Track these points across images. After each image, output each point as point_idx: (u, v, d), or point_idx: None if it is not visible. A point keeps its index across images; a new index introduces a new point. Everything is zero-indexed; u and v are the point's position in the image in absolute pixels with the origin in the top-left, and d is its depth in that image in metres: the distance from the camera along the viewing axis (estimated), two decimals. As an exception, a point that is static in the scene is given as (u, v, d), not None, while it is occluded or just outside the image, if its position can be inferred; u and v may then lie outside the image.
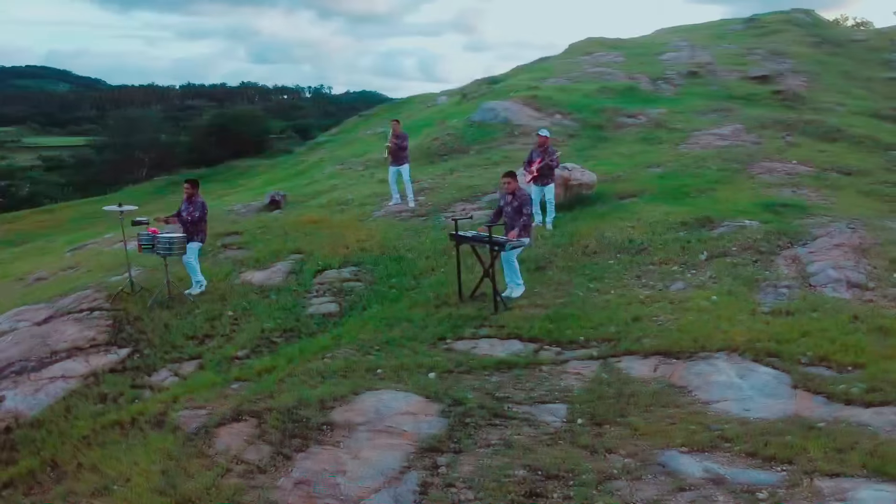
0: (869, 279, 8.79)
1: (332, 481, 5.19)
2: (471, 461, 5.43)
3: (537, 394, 6.46)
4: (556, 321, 7.94)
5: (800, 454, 5.33)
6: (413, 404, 6.19)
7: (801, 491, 4.93)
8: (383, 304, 8.82)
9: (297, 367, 6.99)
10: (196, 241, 9.46)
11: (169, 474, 5.42)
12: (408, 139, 13.46)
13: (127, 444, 6.00)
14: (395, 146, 13.12)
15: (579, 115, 18.61)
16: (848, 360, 6.80)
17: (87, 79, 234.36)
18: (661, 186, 13.00)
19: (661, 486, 5.07)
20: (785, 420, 5.88)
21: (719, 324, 7.62)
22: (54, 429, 6.43)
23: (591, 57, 29.25)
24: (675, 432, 5.70)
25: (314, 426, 5.85)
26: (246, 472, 5.38)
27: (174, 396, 6.62)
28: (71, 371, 7.44)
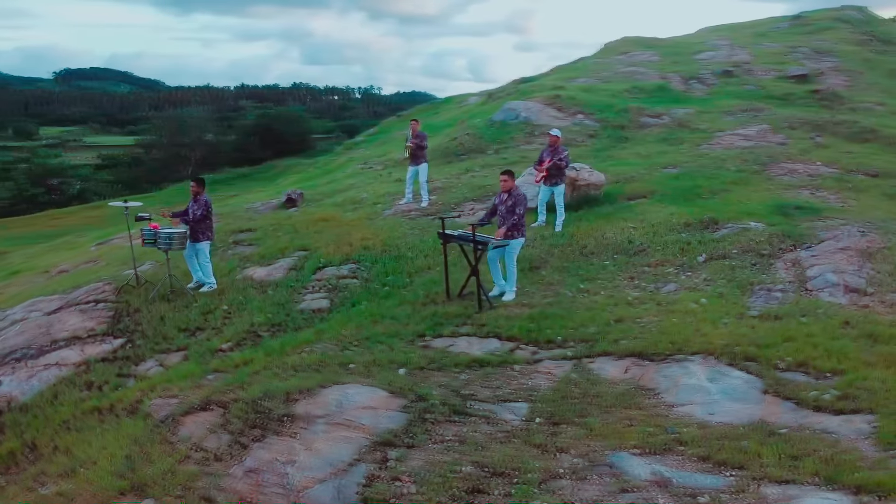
0: (869, 284, 8.52)
1: (281, 471, 5.33)
2: (421, 456, 5.50)
3: (503, 392, 6.49)
4: (537, 321, 7.94)
5: (753, 460, 5.24)
6: (376, 399, 6.28)
7: (745, 497, 4.86)
8: (372, 301, 8.95)
9: (274, 361, 7.16)
10: (204, 241, 9.73)
11: (132, 458, 5.64)
12: (427, 139, 13.56)
13: (101, 429, 6.26)
14: (416, 146, 13.23)
15: (601, 115, 18.42)
16: (828, 367, 6.63)
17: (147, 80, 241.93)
18: (674, 187, 12.80)
19: (603, 487, 5.06)
20: (747, 425, 5.78)
21: (701, 327, 7.51)
22: (39, 413, 6.75)
23: (625, 56, 28.88)
24: (630, 434, 5.66)
25: (275, 417, 6.00)
26: (203, 460, 5.57)
27: (152, 385, 6.87)
28: (65, 359, 7.78)
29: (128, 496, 5.25)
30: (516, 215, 8.54)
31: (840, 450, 5.36)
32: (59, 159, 49.64)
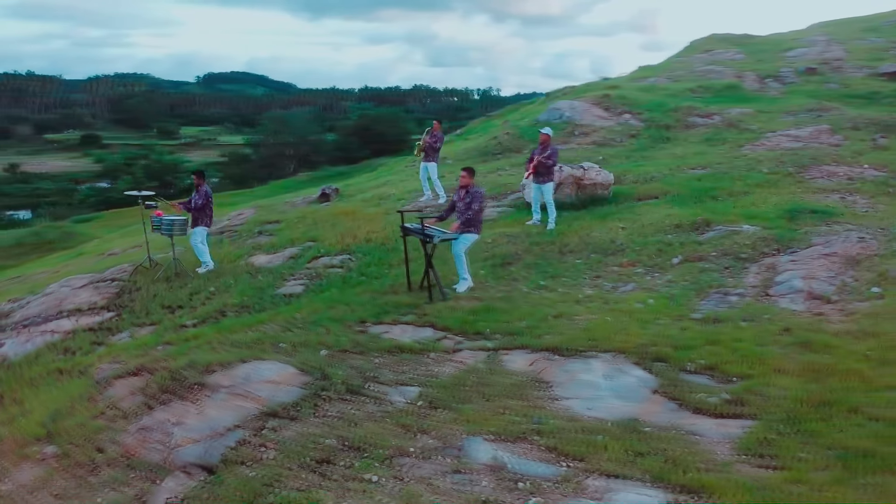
0: (838, 292, 8.10)
1: (168, 430, 5.97)
2: (297, 428, 5.96)
3: (405, 377, 6.81)
4: (478, 314, 8.16)
5: (596, 454, 5.32)
6: (283, 375, 6.80)
7: (565, 486, 4.98)
8: (341, 289, 9.47)
9: (220, 337, 7.84)
10: (201, 226, 10.66)
11: (58, 412, 6.48)
12: (442, 140, 13.97)
13: (54, 386, 7.17)
14: (429, 144, 13.67)
15: (649, 115, 17.99)
16: (736, 371, 6.49)
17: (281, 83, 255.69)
18: (691, 189, 12.46)
19: (439, 467, 5.32)
20: (617, 422, 5.81)
21: (629, 326, 7.49)
22: (17, 371, 7.79)
23: (707, 55, 27.83)
24: (495, 421, 5.85)
25: (187, 385, 6.65)
26: (113, 417, 6.31)
27: (110, 352, 7.74)
28: (60, 327, 8.85)
29: (40, 442, 6.06)
30: (472, 210, 8.79)
31: (690, 451, 5.33)
32: (174, 156, 53.95)
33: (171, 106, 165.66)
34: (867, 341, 6.97)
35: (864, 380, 6.25)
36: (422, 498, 4.95)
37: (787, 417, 5.70)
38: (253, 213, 15.52)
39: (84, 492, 5.37)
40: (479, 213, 8.87)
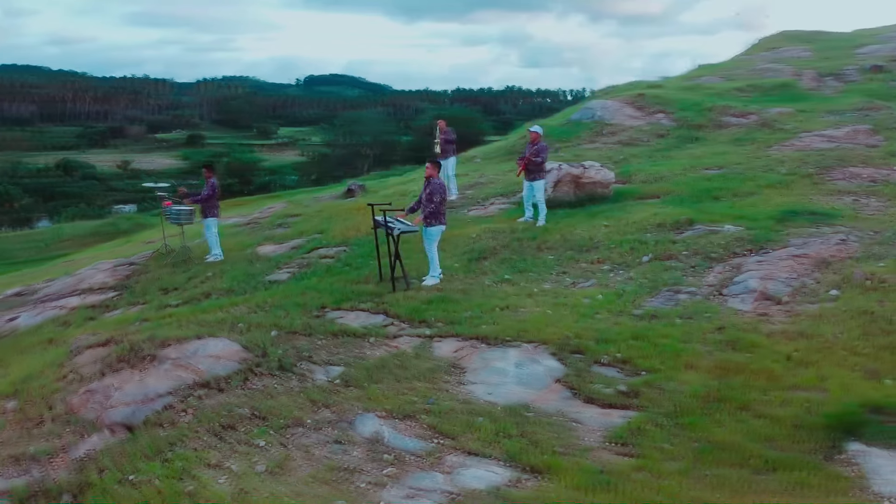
0: (792, 293, 7.96)
1: (109, 394, 6.68)
2: (220, 398, 6.54)
3: (336, 358, 7.26)
4: (431, 304, 8.51)
5: (467, 434, 5.64)
6: (227, 351, 7.39)
7: (425, 460, 5.34)
8: (321, 277, 10.01)
9: (191, 316, 8.55)
10: (211, 217, 11.50)
11: (30, 375, 7.35)
12: (452, 135, 14.33)
13: (39, 354, 8.08)
14: (444, 141, 14.08)
15: (682, 115, 17.62)
16: (646, 365, 6.61)
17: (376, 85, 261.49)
18: (695, 189, 12.29)
19: (324, 437, 5.77)
20: (506, 406, 6.08)
21: (565, 319, 7.66)
22: (17, 340, 8.79)
23: (771, 53, 26.78)
24: (394, 400, 6.23)
25: (142, 356, 7.35)
26: (72, 381, 7.09)
27: (95, 327, 8.59)
28: (67, 304, 9.86)
29: (6, 399, 6.91)
30: (433, 203, 9.14)
31: (559, 436, 5.56)
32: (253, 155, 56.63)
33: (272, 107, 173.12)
34: (797, 342, 6.88)
35: (771, 379, 6.23)
36: (292, 463, 5.41)
37: (673, 411, 5.80)
38: (282, 207, 16.42)
39: (23, 440, 6.15)
40: (440, 204, 9.21)
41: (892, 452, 5.06)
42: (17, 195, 68.29)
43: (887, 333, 6.90)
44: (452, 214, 13.08)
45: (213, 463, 5.44)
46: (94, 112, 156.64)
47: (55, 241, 24.15)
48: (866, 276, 8.02)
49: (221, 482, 5.16)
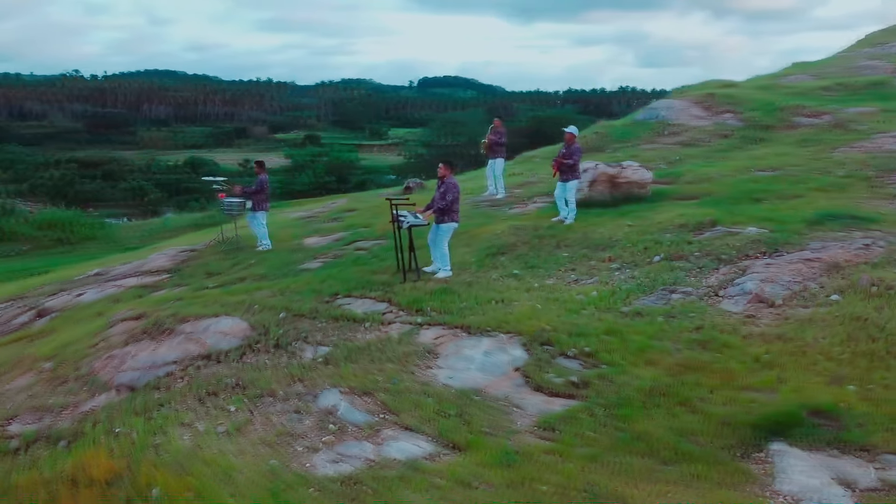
0: (789, 297, 7.76)
1: (125, 360, 7.58)
2: (216, 369, 7.28)
3: (328, 339, 7.83)
4: (433, 295, 8.91)
5: (411, 411, 6.07)
6: (235, 328, 8.15)
7: (363, 431, 5.82)
8: (344, 267, 10.62)
9: (218, 298, 9.41)
10: (260, 210, 12.43)
11: (70, 342, 8.41)
12: (505, 136, 14.61)
13: (85, 324, 9.17)
14: (493, 141, 14.41)
15: (751, 115, 16.94)
16: (607, 359, 6.77)
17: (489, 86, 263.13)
18: (739, 191, 11.97)
19: (287, 406, 6.36)
20: (459, 389, 6.45)
21: (549, 313, 7.86)
22: (75, 312, 9.96)
23: (876, 48, 25.04)
24: (361, 379, 6.72)
25: (163, 330, 8.25)
26: (101, 348, 8.07)
27: (139, 303, 9.62)
28: (126, 283, 11.04)
29: (46, 361, 7.98)
30: (445, 201, 9.55)
31: (493, 419, 5.89)
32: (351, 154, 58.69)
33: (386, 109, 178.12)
34: (773, 345, 6.79)
35: (727, 378, 6.24)
36: (250, 427, 6.02)
37: (612, 403, 5.96)
38: (344, 202, 17.29)
39: (47, 395, 7.13)
40: (452, 203, 9.59)
41: (811, 454, 5.02)
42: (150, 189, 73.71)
43: (873, 340, 6.67)
44: (493, 212, 13.42)
45: (186, 423, 6.14)
46: (223, 113, 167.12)
47: (160, 231, 26.39)
48: (872, 282, 7.69)
49: (185, 439, 5.84)
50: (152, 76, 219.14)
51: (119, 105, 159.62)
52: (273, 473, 5.16)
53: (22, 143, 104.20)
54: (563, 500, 4.57)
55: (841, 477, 4.72)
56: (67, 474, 5.37)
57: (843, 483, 4.67)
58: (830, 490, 4.57)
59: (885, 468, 4.83)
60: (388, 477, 5.01)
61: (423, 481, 4.91)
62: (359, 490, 4.88)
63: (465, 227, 12.01)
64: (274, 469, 5.22)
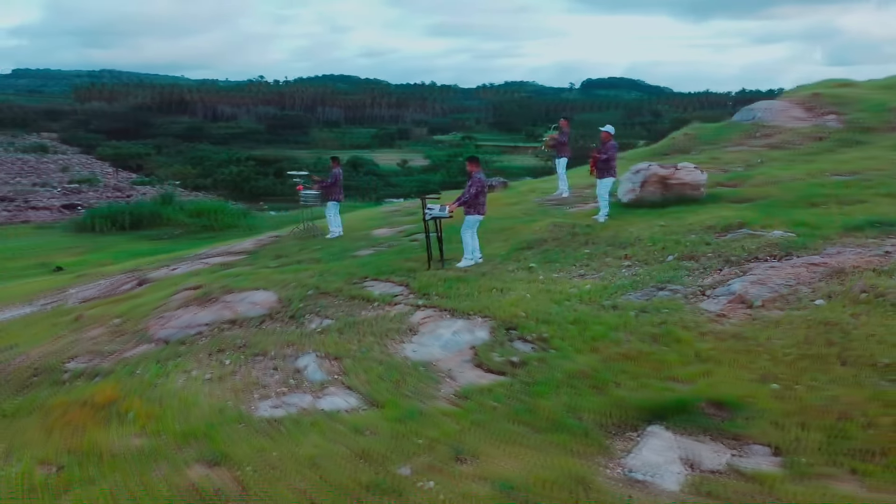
0: (772, 299, 7.69)
1: (172, 320, 9.09)
2: (235, 332, 8.58)
3: (335, 313, 8.86)
4: (447, 282, 9.62)
5: (357, 375, 6.94)
6: (264, 301, 9.43)
7: (313, 385, 6.78)
8: (386, 256, 11.61)
9: (267, 275, 10.77)
10: (332, 200, 13.79)
11: (141, 304, 10.13)
12: (567, 136, 14.95)
13: (161, 291, 10.90)
14: (556, 141, 14.83)
15: (855, 116, 15.77)
16: (557, 345, 7.22)
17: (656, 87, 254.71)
18: (797, 194, 11.54)
19: (269, 363, 7.47)
20: (413, 362, 7.22)
21: (533, 302, 8.35)
22: (161, 282, 11.77)
23: None
24: (339, 346, 7.69)
25: (210, 299, 9.71)
26: (160, 311, 9.68)
27: (208, 277, 11.22)
28: (210, 261, 12.79)
29: (120, 318, 9.71)
30: (469, 194, 10.26)
31: (423, 385, 6.60)
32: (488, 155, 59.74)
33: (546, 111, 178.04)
34: (725, 342, 6.88)
35: (657, 368, 6.49)
36: (230, 377, 7.17)
37: (535, 381, 6.44)
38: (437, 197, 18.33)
39: (107, 341, 8.77)
40: (475, 196, 10.26)
41: (678, 437, 5.27)
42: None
43: (829, 344, 6.55)
44: (550, 210, 13.85)
45: (187, 370, 7.43)
46: (388, 116, 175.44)
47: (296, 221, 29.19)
48: (864, 289, 7.42)
49: (178, 382, 7.12)
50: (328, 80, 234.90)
51: (297, 107, 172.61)
52: (221, 411, 6.25)
53: (212, 143, 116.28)
54: (428, 451, 5.22)
55: (688, 458, 4.96)
56: (81, 399, 6.80)
57: (687, 463, 4.91)
58: (669, 467, 4.85)
59: (742, 456, 4.99)
60: (305, 422, 5.92)
61: (328, 427, 5.76)
62: (276, 428, 5.83)
63: (511, 223, 12.66)
64: (224, 408, 6.31)
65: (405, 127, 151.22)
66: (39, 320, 10.89)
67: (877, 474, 4.65)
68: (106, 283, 12.98)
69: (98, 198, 62.20)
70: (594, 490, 4.60)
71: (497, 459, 5.06)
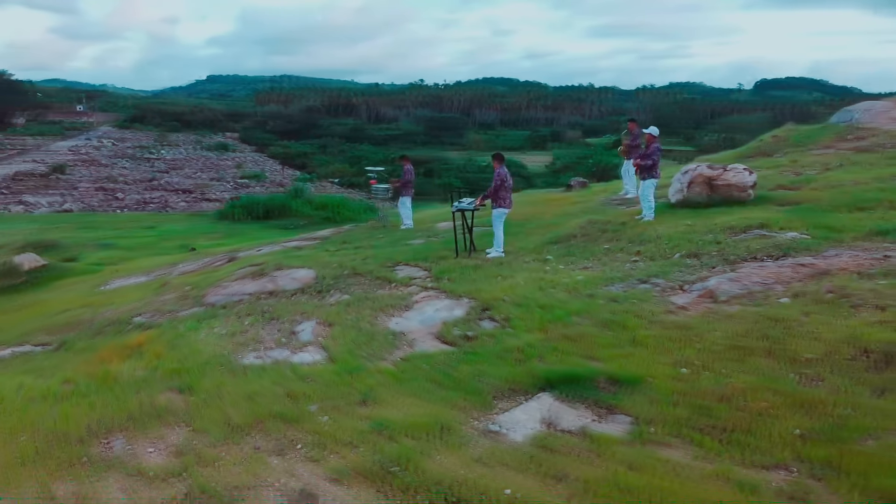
0: (738, 296, 7.83)
1: (222, 289, 10.71)
2: (269, 301, 10.00)
3: (353, 290, 10.01)
4: (465, 269, 10.46)
5: (338, 339, 8.01)
6: (303, 277, 10.80)
7: (298, 344, 7.96)
8: (433, 245, 12.61)
9: (317, 256, 12.18)
10: (405, 196, 15.01)
11: (211, 276, 11.89)
12: (638, 138, 15.10)
13: (233, 266, 12.64)
14: (627, 144, 15.08)
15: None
16: (514, 324, 7.88)
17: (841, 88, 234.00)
18: (847, 199, 11.11)
19: (277, 326, 8.75)
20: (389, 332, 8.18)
21: (522, 288, 9.01)
22: (243, 259, 13.56)
23: None
24: (339, 316, 8.82)
25: (262, 273, 11.25)
26: (224, 283, 11.36)
27: (270, 258, 12.83)
28: (287, 245, 14.46)
29: (190, 286, 11.51)
30: (493, 189, 11.02)
31: (381, 349, 7.54)
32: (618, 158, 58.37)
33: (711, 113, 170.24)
34: (667, 331, 7.20)
35: (587, 348, 7.00)
36: (240, 332, 8.53)
37: (474, 352, 7.18)
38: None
39: (171, 303, 10.55)
40: (496, 190, 11.00)
41: (558, 403, 5.83)
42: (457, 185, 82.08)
43: (764, 338, 6.71)
44: (607, 209, 14.15)
45: (212, 327, 8.91)
46: (543, 118, 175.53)
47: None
48: (830, 290, 7.38)
49: (201, 335, 8.59)
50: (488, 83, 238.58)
51: (454, 110, 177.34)
52: (216, 358, 7.59)
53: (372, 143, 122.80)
54: (343, 396, 6.19)
55: (550, 419, 5.54)
56: (123, 342, 8.47)
57: (546, 423, 5.49)
58: (528, 424, 5.47)
59: (600, 421, 5.49)
60: (269, 369, 7.10)
61: (282, 374, 6.90)
62: (244, 372, 7.05)
63: (559, 220, 13.21)
64: (220, 356, 7.65)
65: (559, 129, 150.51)
66: (142, 287, 13.07)
67: (708, 445, 5.01)
68: (206, 261, 15.09)
69: (262, 192, 68.38)
70: (451, 434, 5.35)
71: (392, 406, 5.93)
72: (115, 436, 5.53)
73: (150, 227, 30.93)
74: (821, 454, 4.78)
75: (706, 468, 4.76)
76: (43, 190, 59.22)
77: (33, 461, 5.07)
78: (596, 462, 4.88)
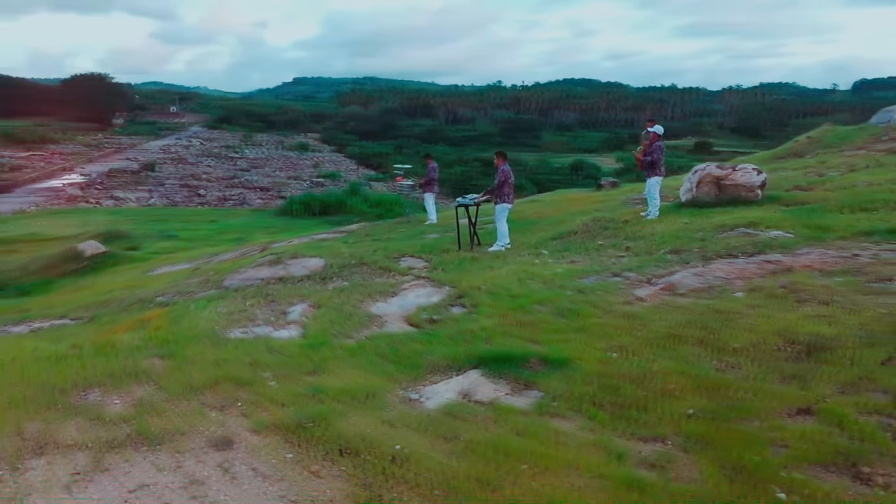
0: (696, 290, 8.08)
1: (244, 275, 11.65)
2: (277, 286, 10.83)
3: (352, 278, 10.74)
4: (462, 262, 11.05)
5: (319, 318, 8.71)
6: (313, 265, 11.61)
7: (284, 322, 8.72)
8: (445, 239, 13.18)
9: (335, 247, 12.98)
10: (428, 192, 15.67)
11: (235, 263, 12.88)
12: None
13: (262, 255, 13.61)
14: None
15: None
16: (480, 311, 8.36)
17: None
18: (855, 199, 10.99)
19: (273, 307, 9.55)
20: (367, 314, 8.80)
21: (502, 279, 9.49)
22: (275, 249, 14.54)
23: None
24: (329, 300, 9.55)
25: (278, 261, 12.13)
26: (242, 268, 12.31)
27: (292, 248, 13.72)
28: (316, 237, 15.35)
29: (214, 272, 12.53)
30: (496, 186, 11.51)
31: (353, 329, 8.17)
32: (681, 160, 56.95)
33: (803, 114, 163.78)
34: (613, 320, 7.53)
35: (532, 333, 7.42)
36: (239, 311, 9.36)
37: (431, 333, 7.72)
38: (545, 196, 19.32)
39: (194, 285, 11.55)
40: (499, 186, 11.47)
41: (482, 378, 6.30)
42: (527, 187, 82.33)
43: (702, 328, 6.97)
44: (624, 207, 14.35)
45: (217, 307, 9.79)
46: (622, 120, 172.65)
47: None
48: (783, 285, 7.53)
49: (206, 313, 9.48)
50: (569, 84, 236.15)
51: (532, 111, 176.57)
52: (207, 332, 8.42)
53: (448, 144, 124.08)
54: (295, 366, 6.88)
55: (468, 391, 6.02)
56: (137, 317, 9.46)
57: (462, 394, 5.98)
58: (445, 395, 5.97)
59: (512, 395, 5.94)
60: (247, 341, 7.86)
61: (255, 346, 7.64)
62: (224, 344, 7.83)
63: (570, 217, 13.55)
64: (211, 330, 8.48)
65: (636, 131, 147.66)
66: (178, 273, 14.22)
67: (600, 419, 5.39)
68: (243, 250, 16.19)
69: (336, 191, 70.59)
70: (374, 399, 5.93)
71: (335, 376, 6.57)
72: (92, 390, 6.40)
73: (212, 220, 32.85)
74: (699, 430, 5.10)
75: (588, 437, 5.16)
76: (133, 186, 63.23)
77: (18, 406, 5.98)
78: (490, 428, 5.36)
